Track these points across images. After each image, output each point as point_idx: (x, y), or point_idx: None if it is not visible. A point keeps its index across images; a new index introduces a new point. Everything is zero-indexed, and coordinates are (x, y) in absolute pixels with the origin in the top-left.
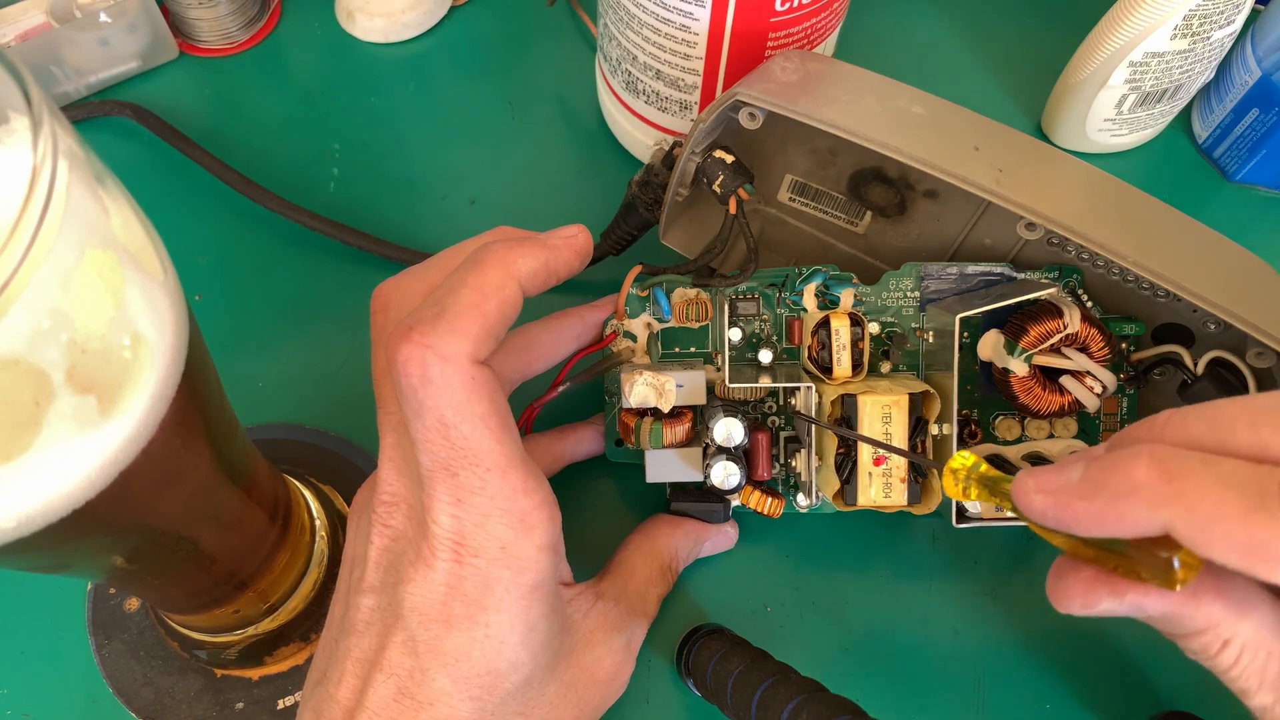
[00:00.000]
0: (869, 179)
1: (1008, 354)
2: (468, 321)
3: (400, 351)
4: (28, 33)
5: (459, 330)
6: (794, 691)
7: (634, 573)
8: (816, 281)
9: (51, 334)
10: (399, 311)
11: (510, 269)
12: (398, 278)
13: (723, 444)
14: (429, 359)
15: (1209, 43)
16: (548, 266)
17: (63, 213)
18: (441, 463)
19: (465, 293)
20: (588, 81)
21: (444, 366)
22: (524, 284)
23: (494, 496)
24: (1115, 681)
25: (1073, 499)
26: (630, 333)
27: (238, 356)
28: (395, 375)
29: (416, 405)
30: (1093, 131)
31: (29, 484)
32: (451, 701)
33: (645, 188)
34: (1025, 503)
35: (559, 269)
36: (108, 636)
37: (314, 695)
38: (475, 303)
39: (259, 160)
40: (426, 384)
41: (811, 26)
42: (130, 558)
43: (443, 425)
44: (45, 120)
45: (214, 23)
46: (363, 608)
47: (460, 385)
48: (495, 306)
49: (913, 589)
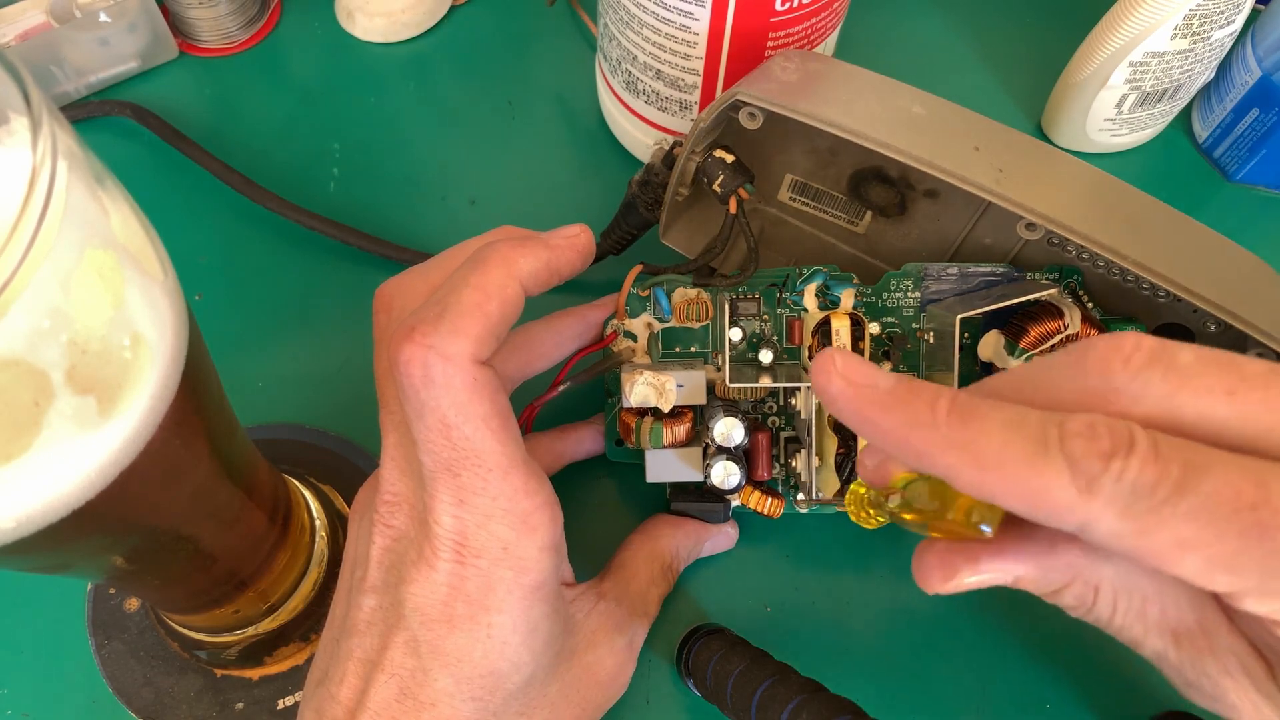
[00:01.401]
0: (869, 179)
1: (1008, 355)
2: (470, 322)
3: (402, 352)
4: (27, 32)
5: (461, 330)
6: (794, 691)
7: (635, 573)
8: (817, 281)
9: (51, 334)
10: (401, 311)
11: (512, 269)
12: (400, 277)
13: (723, 444)
14: (431, 359)
15: (1209, 42)
16: (549, 266)
17: (62, 213)
18: (443, 463)
19: (467, 292)
20: (588, 81)
21: (446, 367)
22: (526, 284)
23: (496, 497)
24: (1115, 681)
25: (870, 403)
26: (631, 332)
27: (238, 356)
28: (397, 376)
29: (418, 406)
30: (1093, 131)
31: (29, 484)
32: (453, 702)
33: (645, 187)
34: (823, 379)
35: (561, 269)
36: (108, 636)
37: (315, 695)
38: (477, 303)
39: (259, 160)
40: (428, 384)
41: (811, 26)
42: (130, 558)
43: (444, 426)
44: (45, 120)
45: (214, 22)
46: (364, 607)
47: (462, 386)
48: (497, 306)
49: (913, 589)
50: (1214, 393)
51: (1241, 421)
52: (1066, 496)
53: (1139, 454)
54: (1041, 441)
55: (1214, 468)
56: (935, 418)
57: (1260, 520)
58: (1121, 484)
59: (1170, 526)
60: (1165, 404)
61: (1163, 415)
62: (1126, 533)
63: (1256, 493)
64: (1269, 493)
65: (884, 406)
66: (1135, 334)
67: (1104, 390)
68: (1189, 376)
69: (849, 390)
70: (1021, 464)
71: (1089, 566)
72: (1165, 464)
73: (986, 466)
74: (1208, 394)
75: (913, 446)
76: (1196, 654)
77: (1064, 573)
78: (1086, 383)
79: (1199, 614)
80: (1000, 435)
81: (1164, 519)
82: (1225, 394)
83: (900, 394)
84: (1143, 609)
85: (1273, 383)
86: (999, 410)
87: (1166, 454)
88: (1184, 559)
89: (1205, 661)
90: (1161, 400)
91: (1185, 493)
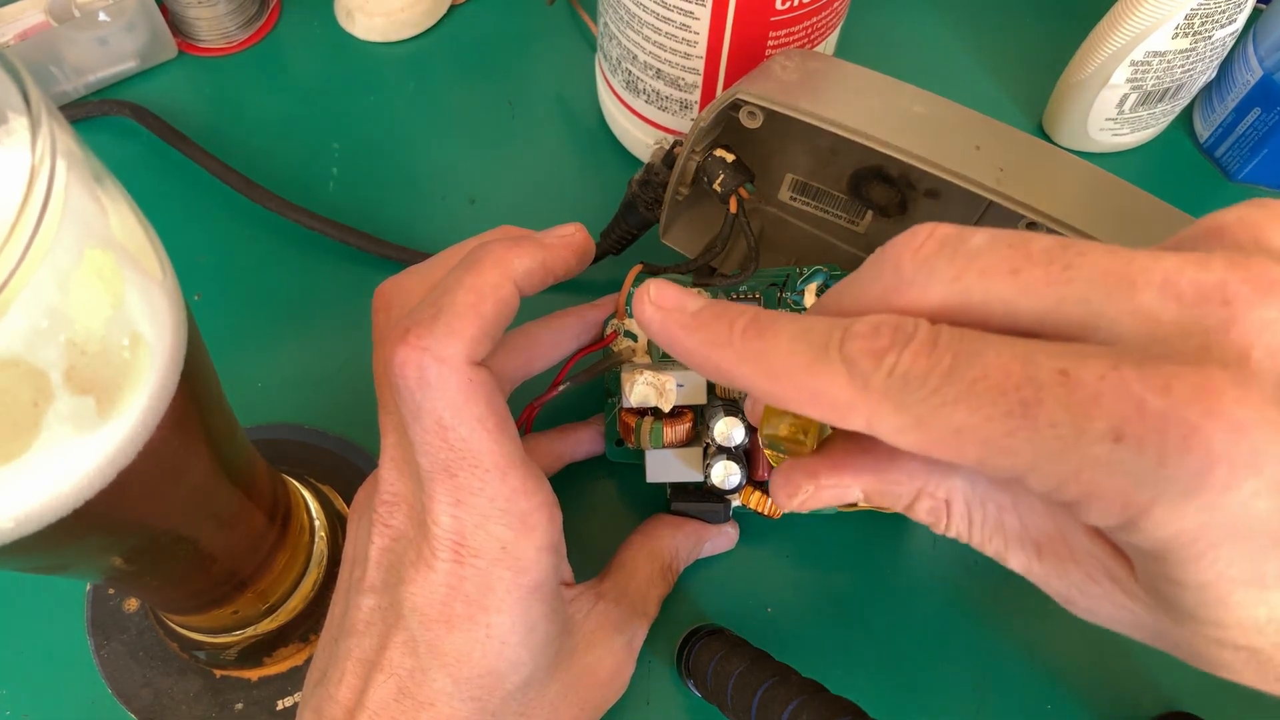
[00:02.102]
0: (870, 178)
1: None
2: (464, 323)
3: (397, 354)
4: (26, 32)
5: (455, 332)
6: (794, 692)
7: (635, 573)
8: (817, 281)
9: (50, 334)
10: (400, 311)
11: (506, 269)
12: (399, 277)
13: (723, 444)
14: (426, 361)
15: (1210, 42)
16: (545, 265)
17: (61, 213)
18: (441, 464)
19: (461, 294)
20: (588, 81)
21: (440, 369)
22: (520, 284)
23: (494, 498)
24: (1115, 681)
25: (678, 326)
26: (631, 332)
27: (237, 356)
28: (393, 378)
29: (414, 408)
30: (1094, 131)
31: (28, 485)
32: (452, 702)
33: (645, 187)
34: (637, 307)
35: (556, 268)
36: (107, 637)
37: (314, 695)
38: (471, 304)
39: (259, 160)
40: (424, 387)
41: (812, 26)
42: (129, 558)
43: (441, 427)
44: (44, 120)
45: (213, 22)
46: (363, 607)
47: (457, 388)
48: (491, 307)
49: (913, 589)
50: (999, 273)
51: (1028, 300)
52: (845, 395)
53: (913, 347)
54: (823, 346)
55: (985, 352)
56: (732, 335)
57: (1025, 398)
58: (893, 378)
59: (944, 415)
60: (953, 289)
61: (952, 302)
62: (906, 427)
63: (1023, 370)
64: (1034, 369)
65: (689, 328)
66: (931, 224)
67: (897, 284)
68: (974, 258)
69: (659, 315)
70: (802, 370)
71: (934, 478)
72: (939, 354)
73: (774, 376)
74: (994, 274)
75: (713, 364)
76: (1060, 563)
77: (907, 485)
78: (884, 281)
79: (1055, 520)
80: (787, 345)
81: (936, 408)
82: (1009, 273)
83: (704, 316)
84: (1000, 520)
85: (1056, 258)
86: (791, 323)
87: (943, 344)
88: (963, 447)
89: (1069, 570)
90: (949, 285)
91: (954, 379)
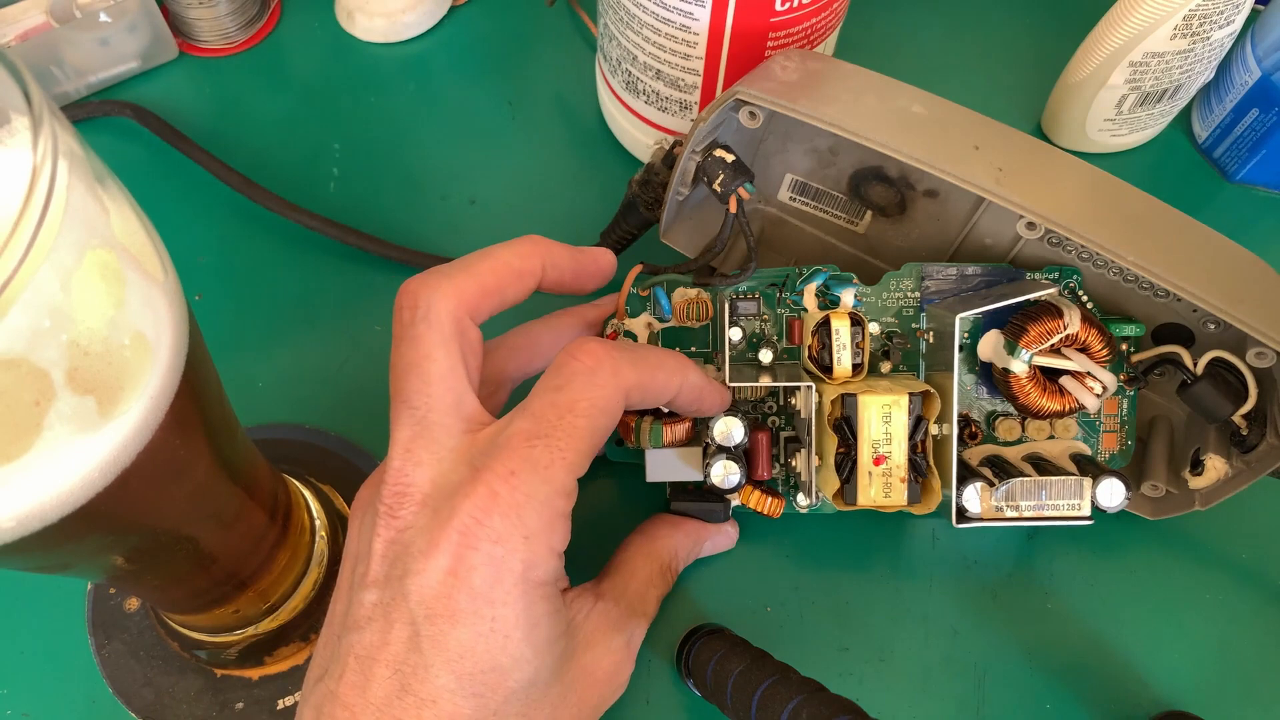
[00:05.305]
0: (869, 178)
1: (1008, 354)
2: (486, 276)
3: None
4: (28, 33)
5: (475, 275)
6: (794, 691)
7: (634, 573)
8: (817, 281)
9: (52, 334)
10: (425, 308)
11: (539, 246)
12: (424, 275)
13: (723, 443)
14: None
15: (1209, 43)
16: (575, 262)
17: (63, 213)
18: (529, 433)
19: (493, 254)
20: (588, 81)
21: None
22: (547, 264)
23: (537, 489)
24: (1115, 681)
25: None
26: (631, 332)
27: (238, 356)
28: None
29: (569, 393)
30: (1093, 131)
31: (29, 484)
32: (455, 699)
33: (645, 187)
34: None
35: (580, 273)
36: (107, 636)
37: (315, 692)
38: (500, 262)
39: (259, 160)
40: (592, 374)
41: (812, 26)
42: (130, 558)
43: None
44: (45, 120)
45: (214, 23)
46: (365, 603)
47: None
48: (520, 262)
49: (913, 589)
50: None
51: None
52: None
53: None
54: None
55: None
56: None
57: None
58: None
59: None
60: None
61: None
62: None
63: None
64: None
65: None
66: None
67: None
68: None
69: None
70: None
71: None
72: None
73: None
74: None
75: None
76: None
77: None
78: None
79: None
80: None
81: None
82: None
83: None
84: None
85: None
86: None
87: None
88: None
89: None
90: None
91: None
